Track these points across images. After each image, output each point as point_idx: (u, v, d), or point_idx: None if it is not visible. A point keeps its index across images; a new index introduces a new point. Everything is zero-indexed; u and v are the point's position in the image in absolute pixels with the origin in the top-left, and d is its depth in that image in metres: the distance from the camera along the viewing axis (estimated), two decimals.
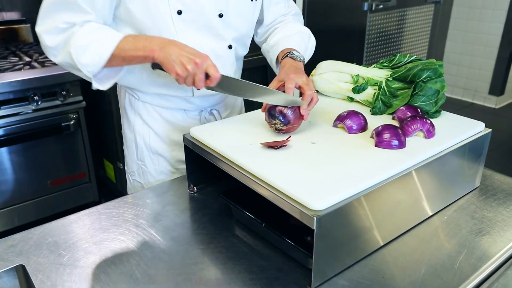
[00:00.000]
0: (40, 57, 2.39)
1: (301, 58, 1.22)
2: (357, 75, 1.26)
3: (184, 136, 1.09)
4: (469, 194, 1.13)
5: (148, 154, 1.33)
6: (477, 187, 1.16)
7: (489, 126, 1.12)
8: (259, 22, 1.38)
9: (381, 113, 1.19)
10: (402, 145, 0.98)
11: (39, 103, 2.15)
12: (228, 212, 1.06)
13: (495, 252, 0.92)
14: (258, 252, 0.93)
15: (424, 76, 1.15)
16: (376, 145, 0.99)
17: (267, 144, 0.98)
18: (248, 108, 1.42)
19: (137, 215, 1.05)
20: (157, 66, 1.08)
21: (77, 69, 1.08)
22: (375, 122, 1.07)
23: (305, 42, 1.33)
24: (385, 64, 1.28)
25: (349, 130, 1.07)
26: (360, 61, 3.40)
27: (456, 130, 1.07)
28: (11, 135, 2.14)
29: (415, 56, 1.25)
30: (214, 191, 1.15)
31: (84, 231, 1.00)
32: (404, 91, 1.19)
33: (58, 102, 2.23)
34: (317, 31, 1.56)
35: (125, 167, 1.43)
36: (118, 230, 1.00)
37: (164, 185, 1.20)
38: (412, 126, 1.03)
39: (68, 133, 2.32)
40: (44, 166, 2.32)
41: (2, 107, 2.08)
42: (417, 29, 3.87)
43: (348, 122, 1.07)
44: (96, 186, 2.56)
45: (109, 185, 2.81)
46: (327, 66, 1.31)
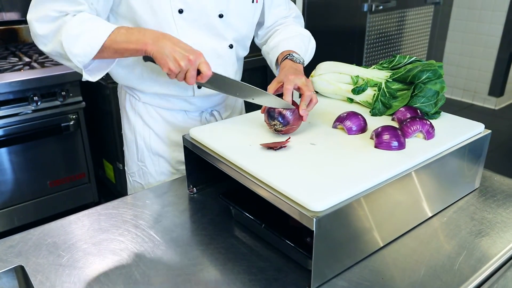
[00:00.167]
0: (40, 58, 2.39)
1: (301, 60, 1.23)
2: (357, 76, 1.26)
3: (184, 137, 1.09)
4: (469, 195, 1.13)
5: (149, 155, 1.33)
6: (477, 188, 1.16)
7: (489, 127, 1.12)
8: (260, 24, 1.38)
9: (381, 114, 1.19)
10: (402, 146, 0.98)
11: (39, 104, 2.15)
12: (228, 213, 1.06)
13: (495, 253, 0.92)
14: (258, 253, 0.93)
15: (424, 77, 1.15)
16: (376, 146, 0.99)
17: (267, 145, 0.98)
18: (249, 109, 1.42)
19: (137, 216, 1.05)
20: (149, 59, 1.07)
21: (67, 59, 1.06)
22: (375, 123, 1.07)
23: (305, 45, 1.33)
24: (385, 65, 1.28)
25: (349, 131, 1.07)
26: (360, 62, 3.40)
27: (456, 131, 1.07)
28: (11, 136, 2.14)
29: (415, 57, 1.25)
30: (214, 192, 1.15)
31: (84, 232, 1.00)
32: (404, 92, 1.19)
33: (58, 103, 2.23)
34: (317, 32, 1.56)
35: (125, 168, 1.43)
36: (118, 231, 1.00)
37: (164, 186, 1.20)
38: (412, 127, 1.03)
39: (68, 134, 2.32)
40: (44, 167, 2.32)
41: (2, 108, 2.07)
42: (417, 30, 3.87)
43: (348, 123, 1.07)
44: (96, 187, 2.56)
45: (109, 186, 2.81)
46: (327, 67, 1.31)
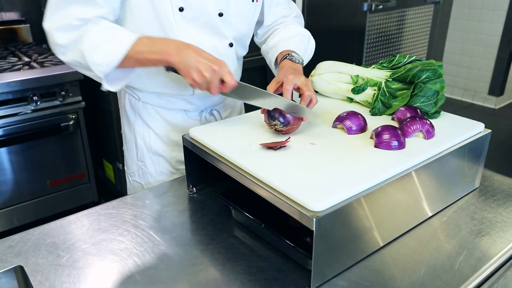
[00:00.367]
0: (40, 57, 2.38)
1: (300, 60, 1.23)
2: (357, 76, 1.26)
3: (183, 137, 1.09)
4: (469, 195, 1.13)
5: (148, 155, 1.32)
6: (477, 188, 1.16)
7: (489, 127, 1.12)
8: (259, 23, 1.38)
9: (381, 114, 1.19)
10: (402, 146, 0.98)
11: (38, 104, 2.15)
12: (228, 213, 1.06)
13: (495, 253, 0.92)
14: (257, 253, 0.93)
15: (424, 77, 1.15)
16: (376, 146, 0.99)
17: (266, 145, 0.98)
18: (248, 109, 1.42)
19: (136, 216, 1.05)
20: (171, 69, 1.06)
21: (87, 69, 1.05)
22: (375, 123, 1.07)
23: (305, 44, 1.33)
24: (385, 65, 1.28)
25: (349, 131, 1.06)
26: (360, 62, 3.40)
27: (456, 131, 1.07)
28: (10, 136, 2.14)
29: (415, 57, 1.25)
30: (214, 192, 1.15)
31: (83, 232, 1.00)
32: (404, 92, 1.19)
33: (57, 103, 2.23)
34: (317, 32, 1.56)
35: (125, 168, 1.42)
36: (117, 231, 1.00)
37: (163, 186, 1.20)
38: (412, 127, 1.03)
39: (67, 134, 2.32)
40: (44, 167, 2.32)
41: (1, 108, 2.07)
42: (417, 30, 3.87)
43: (348, 123, 1.06)
44: (96, 187, 2.56)
45: (109, 186, 2.81)
46: (327, 67, 1.31)
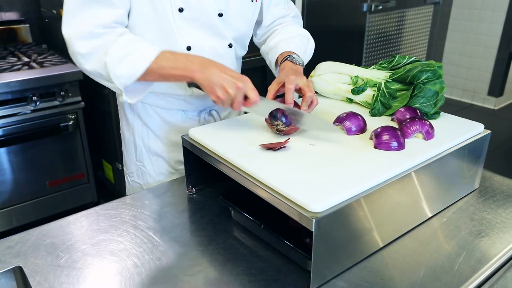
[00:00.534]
0: (39, 58, 2.38)
1: (300, 62, 1.23)
2: (356, 76, 1.26)
3: (183, 137, 1.09)
4: (469, 196, 1.13)
5: (147, 155, 1.32)
6: (476, 189, 1.16)
7: (488, 127, 1.12)
8: (258, 23, 1.38)
9: (380, 115, 1.19)
10: (401, 147, 0.98)
11: (38, 104, 2.15)
12: (227, 214, 1.06)
13: (495, 254, 0.92)
14: (257, 254, 0.93)
15: (423, 78, 1.15)
16: (375, 147, 0.99)
17: (266, 146, 0.98)
18: None
19: (136, 216, 1.05)
20: (194, 85, 1.07)
21: (107, 80, 1.05)
22: (374, 124, 1.07)
23: (304, 45, 1.33)
24: (384, 65, 1.28)
25: (348, 132, 1.06)
26: (359, 62, 3.40)
27: (455, 132, 1.07)
28: (10, 136, 2.14)
29: (414, 57, 1.25)
30: (213, 193, 1.15)
31: (82, 233, 0.99)
32: (403, 93, 1.19)
33: (57, 103, 2.22)
34: (316, 32, 1.56)
35: (124, 168, 1.42)
36: (116, 232, 1.00)
37: (163, 186, 1.20)
38: (411, 128, 1.03)
39: (67, 134, 2.32)
40: (43, 167, 2.32)
41: (1, 108, 2.07)
42: (416, 30, 3.87)
43: (347, 124, 1.06)
44: (95, 187, 2.56)
45: (108, 186, 2.81)
46: (326, 67, 1.31)
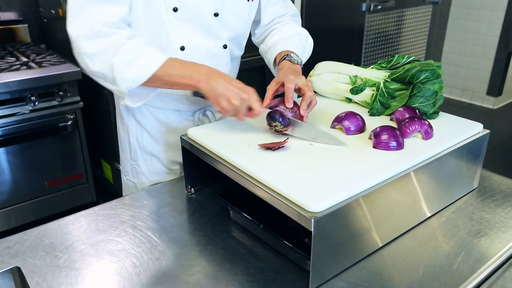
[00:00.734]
0: (38, 58, 2.38)
1: (299, 61, 1.22)
2: (355, 76, 1.25)
3: (182, 137, 1.09)
4: (467, 195, 1.13)
5: (141, 154, 1.32)
6: (475, 188, 1.16)
7: (487, 127, 1.12)
8: (257, 23, 1.37)
9: (379, 114, 1.18)
10: (400, 146, 0.98)
11: (36, 104, 2.15)
12: (226, 214, 1.05)
13: (494, 254, 0.92)
14: (256, 254, 0.93)
15: (422, 77, 1.15)
16: (374, 146, 0.99)
17: (265, 146, 0.98)
18: None
19: (134, 217, 1.05)
20: (199, 94, 1.07)
21: (111, 83, 1.04)
22: (373, 123, 1.07)
23: (303, 44, 1.33)
24: (383, 65, 1.28)
25: (347, 131, 1.06)
26: (358, 62, 3.40)
27: (454, 131, 1.07)
28: (8, 136, 2.13)
29: (413, 57, 1.25)
30: (212, 193, 1.14)
31: (81, 233, 0.99)
32: (402, 92, 1.19)
33: (56, 103, 2.22)
34: (315, 32, 1.56)
35: (120, 167, 1.42)
36: (115, 232, 0.99)
37: (161, 186, 1.20)
38: (410, 127, 1.03)
39: (66, 134, 2.31)
40: (42, 167, 2.31)
41: None
42: (415, 30, 3.87)
43: (346, 123, 1.06)
44: (94, 187, 2.56)
45: (107, 186, 2.81)
46: (325, 67, 1.31)
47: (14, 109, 2.11)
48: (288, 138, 1.02)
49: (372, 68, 1.28)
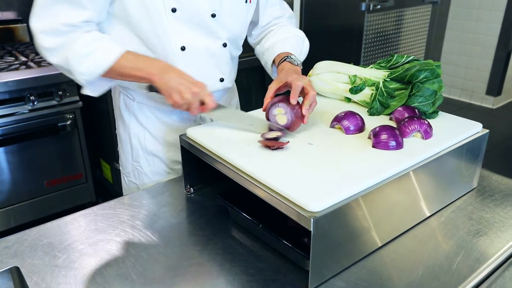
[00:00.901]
0: (37, 57, 2.37)
1: (298, 63, 1.23)
2: (355, 76, 1.25)
3: (181, 137, 1.09)
4: (467, 195, 1.13)
5: (143, 155, 1.32)
6: (475, 188, 1.16)
7: (487, 127, 1.12)
8: (254, 23, 1.37)
9: (379, 114, 1.18)
10: (400, 146, 0.98)
11: (35, 103, 2.14)
12: (225, 213, 1.05)
13: (493, 253, 0.92)
14: (255, 254, 0.93)
15: (422, 77, 1.15)
16: (374, 146, 0.99)
17: (264, 143, 0.98)
18: (244, 109, 1.41)
19: (133, 216, 1.05)
20: (153, 89, 1.09)
21: (71, 73, 1.08)
22: (373, 123, 1.07)
23: (300, 46, 1.34)
24: (383, 65, 1.28)
25: (347, 131, 1.06)
26: (358, 62, 3.40)
27: (454, 131, 1.07)
28: (7, 136, 2.13)
29: (413, 57, 1.24)
30: (211, 192, 1.14)
31: (80, 233, 0.99)
32: (402, 92, 1.19)
33: (55, 102, 2.22)
34: (315, 31, 1.56)
35: (120, 168, 1.42)
36: (114, 232, 0.99)
37: (161, 186, 1.19)
38: (410, 127, 1.03)
39: (65, 133, 2.31)
40: (41, 167, 2.31)
41: None
42: (415, 30, 3.87)
43: (346, 123, 1.06)
44: (93, 187, 2.55)
45: (106, 186, 2.80)
46: (325, 67, 1.31)
47: (13, 109, 2.11)
48: (288, 142, 1.02)
49: (372, 68, 1.28)
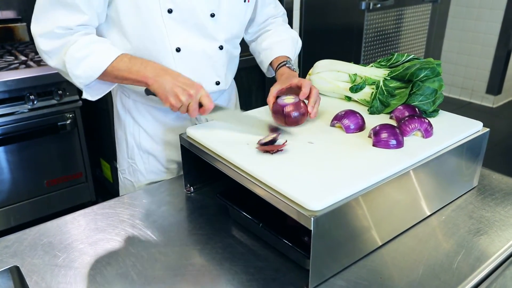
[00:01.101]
0: (36, 56, 2.37)
1: (295, 68, 1.29)
2: (355, 74, 1.25)
3: (181, 136, 1.08)
4: (467, 194, 1.13)
5: (139, 153, 1.32)
6: (475, 187, 1.15)
7: (487, 125, 1.11)
8: (250, 21, 1.39)
9: (379, 113, 1.18)
10: (400, 145, 0.98)
11: (35, 103, 2.14)
12: (225, 212, 1.05)
13: (493, 252, 0.92)
14: (255, 253, 0.93)
15: (422, 75, 1.15)
16: (374, 145, 0.98)
17: (263, 149, 0.97)
18: (243, 108, 1.41)
19: (133, 216, 1.05)
20: (151, 93, 1.09)
21: (69, 77, 1.10)
22: (373, 122, 1.06)
23: (295, 47, 1.39)
24: (383, 63, 1.27)
25: (347, 130, 1.06)
26: (358, 60, 3.40)
27: (454, 130, 1.07)
28: (7, 135, 2.12)
29: (413, 55, 1.24)
30: (211, 191, 1.14)
31: (80, 232, 0.99)
32: (402, 90, 1.19)
33: (54, 102, 2.21)
34: (315, 30, 1.56)
35: (117, 165, 1.42)
36: (114, 231, 0.99)
37: (160, 185, 1.19)
38: (410, 126, 1.02)
39: (65, 133, 2.31)
40: (41, 166, 2.31)
41: None
42: (415, 28, 3.87)
43: (346, 122, 1.06)
44: (93, 186, 2.55)
45: (106, 185, 2.80)
46: (325, 65, 1.31)
47: (13, 108, 2.10)
48: (286, 141, 1.01)
49: (372, 67, 1.28)
